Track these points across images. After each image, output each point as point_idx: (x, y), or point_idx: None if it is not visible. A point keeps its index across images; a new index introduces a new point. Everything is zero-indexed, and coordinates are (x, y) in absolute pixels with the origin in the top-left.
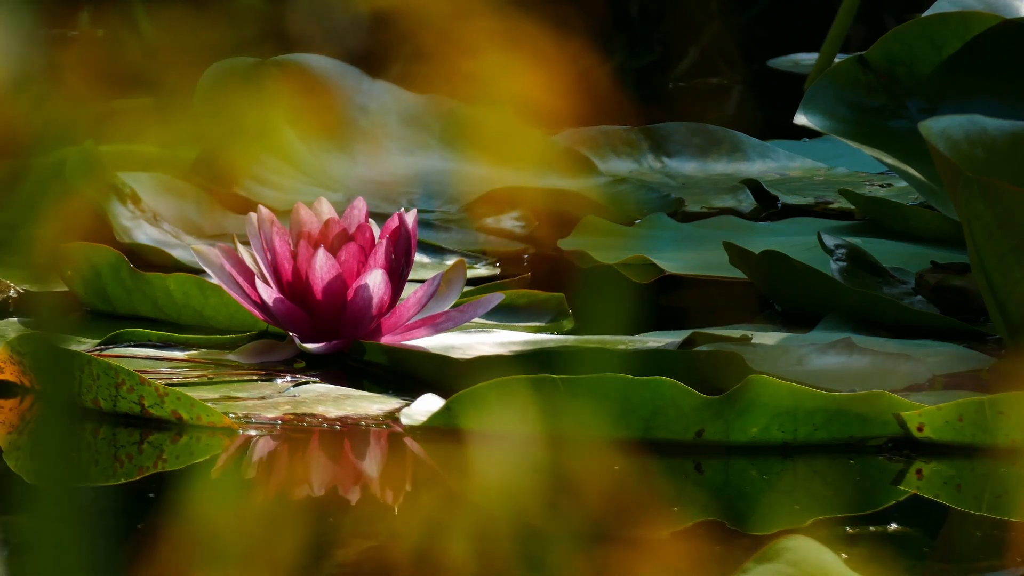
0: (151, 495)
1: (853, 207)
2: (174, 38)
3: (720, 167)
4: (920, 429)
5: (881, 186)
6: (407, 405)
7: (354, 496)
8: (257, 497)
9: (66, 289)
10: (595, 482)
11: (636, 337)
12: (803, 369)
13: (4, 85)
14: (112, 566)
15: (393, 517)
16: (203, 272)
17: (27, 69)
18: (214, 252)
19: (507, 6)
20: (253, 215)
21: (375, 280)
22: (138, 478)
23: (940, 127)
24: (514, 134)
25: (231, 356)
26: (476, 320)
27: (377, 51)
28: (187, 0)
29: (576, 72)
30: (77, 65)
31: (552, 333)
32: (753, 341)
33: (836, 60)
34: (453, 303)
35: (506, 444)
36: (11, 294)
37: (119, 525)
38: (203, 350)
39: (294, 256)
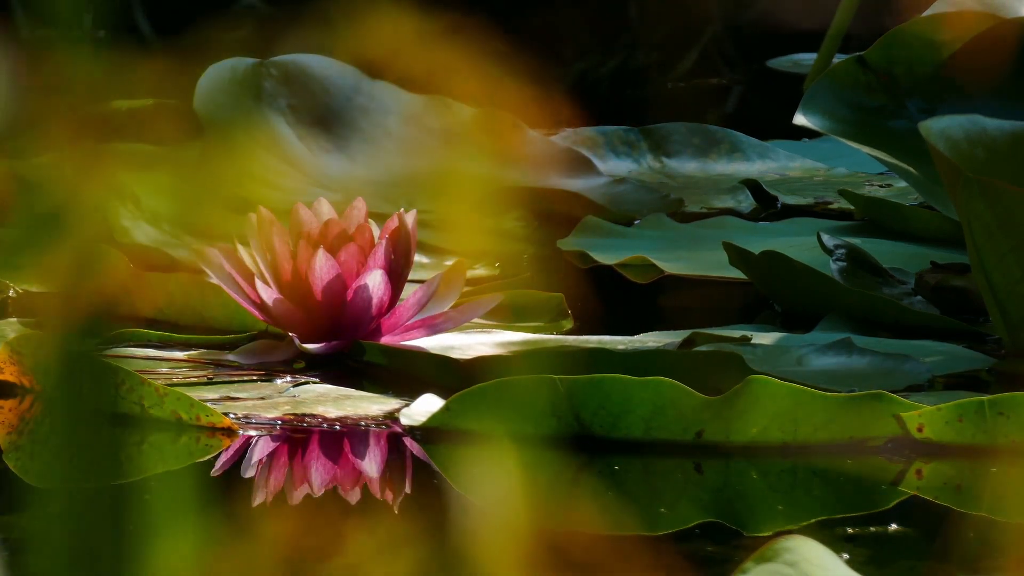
0: (151, 495)
1: (853, 207)
2: (174, 38)
3: (720, 167)
4: (920, 429)
5: (881, 186)
6: (407, 405)
7: (354, 496)
8: (257, 497)
9: (66, 289)
10: (594, 482)
11: (636, 337)
12: (803, 369)
13: (3, 86)
14: (112, 567)
15: (393, 517)
16: (203, 272)
17: (27, 69)
18: (214, 252)
19: (500, 14)
20: (253, 215)
21: (375, 280)
22: (138, 478)
23: (940, 127)
24: (513, 134)
25: (231, 356)
26: (476, 320)
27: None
28: (188, 0)
29: (570, 77)
30: (78, 65)
31: (552, 333)
32: (753, 341)
33: (835, 60)
34: (452, 303)
35: (505, 444)
36: (11, 294)
37: (119, 526)
38: (203, 350)
39: (294, 256)
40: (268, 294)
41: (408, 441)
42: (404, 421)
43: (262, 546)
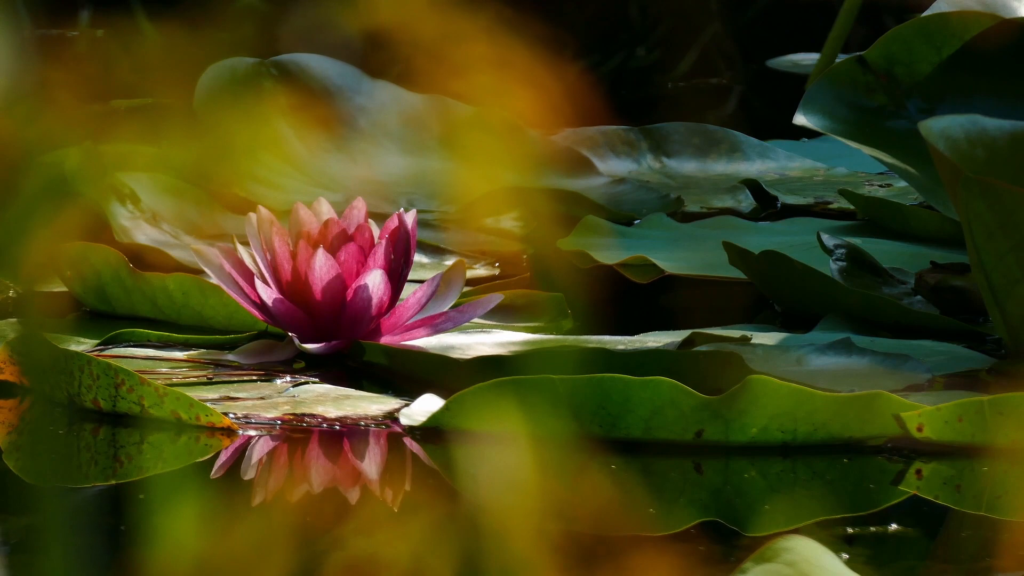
0: (151, 495)
1: (853, 207)
2: (174, 38)
3: (719, 167)
4: (920, 429)
5: (881, 186)
6: (406, 405)
7: (353, 496)
8: (257, 497)
9: (66, 289)
10: (594, 482)
11: (636, 337)
12: (803, 369)
13: (3, 85)
14: (112, 567)
15: (392, 517)
16: (202, 272)
17: (27, 69)
18: (213, 252)
19: (501, 12)
20: (252, 215)
21: (374, 280)
22: (138, 478)
23: (940, 127)
24: (513, 134)
25: (230, 356)
26: (475, 320)
27: (368, 72)
28: (188, 0)
29: (571, 75)
30: (77, 65)
31: (552, 333)
32: (753, 341)
33: (836, 61)
34: (452, 303)
35: (505, 444)
36: (11, 294)
37: (119, 525)
38: (203, 350)
39: (293, 256)
40: (268, 294)
41: (408, 441)
42: (404, 421)
43: (261, 546)
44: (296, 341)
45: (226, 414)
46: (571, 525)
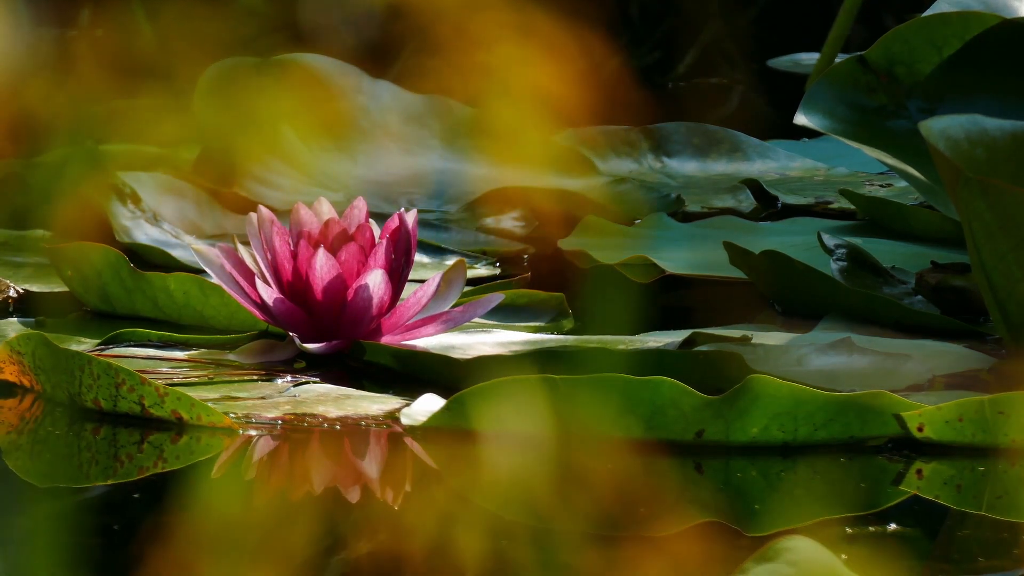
0: (151, 495)
1: (853, 207)
2: (175, 37)
3: (720, 167)
4: (920, 429)
5: (881, 186)
6: (407, 405)
7: (354, 496)
8: (257, 497)
9: (66, 289)
10: (595, 482)
11: (636, 337)
12: (803, 369)
13: (6, 85)
14: (112, 566)
15: (394, 517)
16: (203, 272)
17: (28, 69)
18: (214, 252)
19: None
20: (253, 215)
21: (375, 280)
22: (138, 478)
23: (940, 127)
24: (514, 134)
25: (231, 356)
26: (476, 320)
27: (388, 43)
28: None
29: (586, 66)
30: (77, 65)
31: (552, 333)
32: (753, 341)
33: (837, 61)
34: (453, 303)
35: (506, 444)
36: (11, 294)
37: (119, 525)
38: (203, 350)
39: (294, 256)
40: (269, 294)
41: (409, 441)
42: (404, 421)
43: (261, 546)
44: (297, 341)
45: (227, 414)
46: (572, 525)
